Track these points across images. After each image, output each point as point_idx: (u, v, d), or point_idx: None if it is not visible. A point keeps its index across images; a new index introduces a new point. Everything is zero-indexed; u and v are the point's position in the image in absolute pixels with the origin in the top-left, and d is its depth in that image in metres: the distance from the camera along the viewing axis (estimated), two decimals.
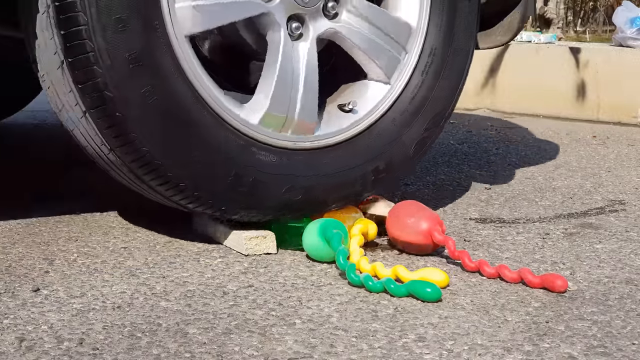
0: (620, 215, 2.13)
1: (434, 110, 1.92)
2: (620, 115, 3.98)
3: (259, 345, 1.26)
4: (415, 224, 1.72)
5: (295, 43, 1.74)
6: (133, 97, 1.52)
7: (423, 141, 1.91)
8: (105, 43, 1.49)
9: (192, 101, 1.59)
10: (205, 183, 1.63)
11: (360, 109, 1.84)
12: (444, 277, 1.52)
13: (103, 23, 1.48)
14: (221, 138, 1.63)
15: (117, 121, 1.53)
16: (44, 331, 1.29)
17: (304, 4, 1.73)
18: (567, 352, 1.26)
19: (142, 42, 1.52)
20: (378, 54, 1.85)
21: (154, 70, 1.54)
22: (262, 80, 1.72)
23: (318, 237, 1.65)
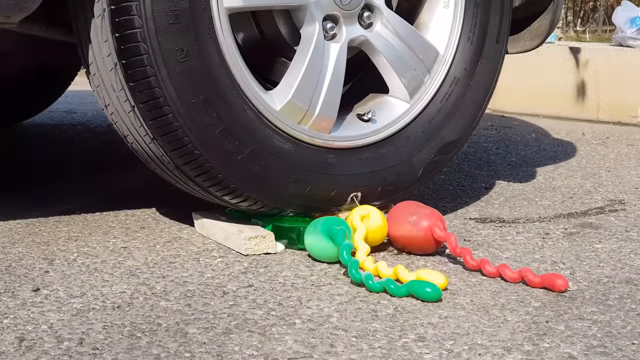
0: (620, 215, 2.13)
1: (448, 138, 1.95)
2: (620, 115, 3.98)
3: (259, 345, 1.26)
4: (415, 222, 1.72)
5: (327, 42, 1.77)
6: (167, 49, 1.56)
7: (432, 166, 1.93)
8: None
9: (221, 71, 1.63)
10: (219, 154, 1.64)
11: (377, 120, 1.88)
12: (443, 279, 1.51)
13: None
14: (243, 113, 1.65)
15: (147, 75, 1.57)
16: (43, 331, 1.29)
17: (342, 6, 1.77)
18: (567, 352, 1.26)
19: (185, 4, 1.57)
20: (404, 71, 1.89)
21: (193, 31, 1.59)
22: (289, 72, 1.76)
23: (322, 235, 1.65)
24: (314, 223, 1.70)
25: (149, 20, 1.54)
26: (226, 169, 1.66)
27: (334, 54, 1.78)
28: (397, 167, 1.88)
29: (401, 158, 1.88)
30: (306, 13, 1.74)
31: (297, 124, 1.75)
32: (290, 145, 1.73)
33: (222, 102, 1.63)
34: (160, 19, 1.55)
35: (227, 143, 1.64)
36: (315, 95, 1.76)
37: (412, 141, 1.90)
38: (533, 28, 2.16)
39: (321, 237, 1.65)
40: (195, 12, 1.58)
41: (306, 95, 1.75)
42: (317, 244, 1.66)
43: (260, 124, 1.69)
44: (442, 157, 1.95)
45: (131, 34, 1.54)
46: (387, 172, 1.87)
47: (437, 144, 1.93)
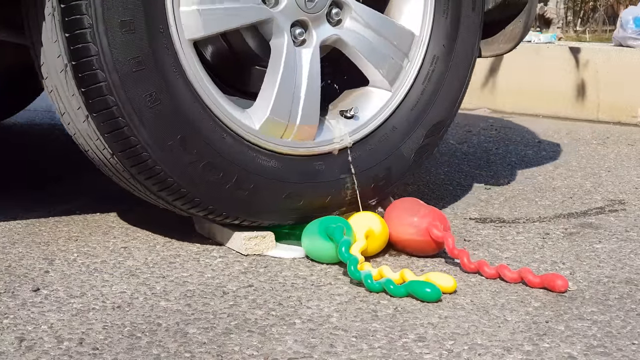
0: (620, 215, 2.13)
1: (435, 120, 1.92)
2: (620, 115, 3.97)
3: (259, 345, 1.26)
4: (414, 223, 1.70)
5: (298, 49, 1.73)
6: (136, 97, 1.53)
7: (422, 149, 1.91)
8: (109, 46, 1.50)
9: (194, 105, 1.59)
10: (206, 187, 1.62)
11: (361, 115, 1.85)
12: (452, 282, 1.51)
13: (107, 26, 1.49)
14: (222, 142, 1.63)
15: (120, 126, 1.54)
16: (44, 331, 1.29)
17: (308, 10, 1.72)
18: (567, 352, 1.26)
19: (146, 46, 1.53)
20: (380, 62, 1.85)
21: (157, 74, 1.54)
22: (264, 86, 1.72)
23: (319, 236, 1.64)
24: (311, 224, 1.69)
25: (112, 73, 1.50)
26: (215, 200, 1.64)
27: (306, 59, 1.73)
28: (388, 160, 1.85)
29: (390, 149, 1.86)
30: (272, 25, 1.69)
31: (280, 138, 1.71)
32: (276, 162, 1.70)
33: (199, 136, 1.59)
34: (123, 68, 1.51)
35: (212, 175, 1.62)
36: (294, 106, 1.72)
37: (399, 129, 1.87)
38: (507, 31, 2.11)
39: (319, 238, 1.65)
40: (158, 52, 1.54)
41: (284, 108, 1.71)
42: (315, 245, 1.66)
43: (241, 147, 1.65)
44: (431, 140, 1.92)
45: (97, 88, 1.51)
46: (379, 167, 1.84)
47: (425, 127, 1.90)
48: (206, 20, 1.60)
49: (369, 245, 1.67)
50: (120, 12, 1.50)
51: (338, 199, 1.79)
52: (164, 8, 1.55)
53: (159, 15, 1.54)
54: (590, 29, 7.85)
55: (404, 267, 1.64)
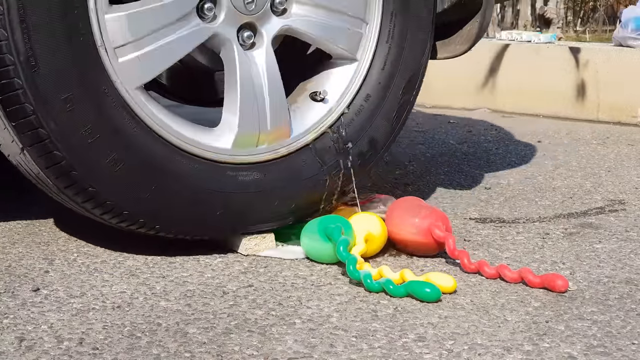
0: (620, 215, 2.13)
1: (407, 74, 1.86)
2: (620, 115, 3.97)
3: (259, 345, 1.26)
4: (414, 221, 1.70)
5: (250, 52, 1.68)
6: (98, 165, 1.51)
7: (401, 109, 1.86)
8: (57, 127, 1.46)
9: (158, 149, 1.57)
10: (194, 219, 1.62)
11: (332, 94, 1.79)
12: (452, 282, 1.51)
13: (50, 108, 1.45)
14: (196, 173, 1.60)
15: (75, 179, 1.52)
16: (43, 331, 1.29)
17: (250, 12, 1.66)
18: (567, 352, 1.26)
19: (94, 113, 1.49)
20: (338, 36, 1.79)
21: (113, 134, 1.51)
22: (226, 100, 1.68)
23: (319, 236, 1.64)
24: (310, 224, 1.69)
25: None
26: (207, 229, 1.64)
27: (261, 61, 1.68)
28: (369, 131, 1.82)
29: (370, 120, 1.82)
30: (217, 39, 1.64)
31: (255, 147, 1.68)
32: (258, 173, 1.68)
33: (173, 181, 1.58)
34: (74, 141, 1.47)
35: (198, 209, 1.61)
36: (261, 113, 1.68)
37: (374, 96, 1.82)
38: (464, 32, 2.04)
39: (318, 238, 1.64)
40: (109, 114, 1.50)
41: (252, 119, 1.67)
42: (314, 245, 1.66)
43: (220, 171, 1.63)
44: (407, 97, 1.86)
45: (27, 120, 1.45)
46: (362, 141, 1.81)
47: (399, 86, 1.84)
48: (149, 63, 1.56)
49: (368, 247, 1.67)
50: (60, 89, 1.45)
51: (331, 189, 1.77)
52: (102, 67, 1.50)
53: (101, 77, 1.50)
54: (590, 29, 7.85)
55: (404, 267, 1.64)
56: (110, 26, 1.51)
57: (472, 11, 2.01)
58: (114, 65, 1.52)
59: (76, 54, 1.47)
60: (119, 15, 1.52)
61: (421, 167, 2.71)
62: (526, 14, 9.34)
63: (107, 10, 1.50)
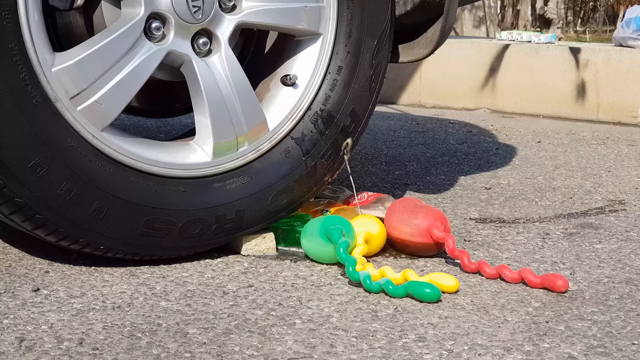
0: (620, 215, 2.13)
1: (374, 36, 1.79)
2: (620, 115, 3.98)
3: (259, 345, 1.26)
4: (413, 222, 1.71)
5: (209, 59, 1.64)
6: (82, 217, 1.49)
7: (376, 71, 1.80)
8: (32, 194, 1.44)
9: (141, 184, 1.55)
10: (192, 243, 1.62)
11: (301, 78, 1.75)
12: (454, 282, 1.51)
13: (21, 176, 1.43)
14: (183, 197, 1.59)
15: None
16: (44, 331, 1.29)
17: (199, 20, 1.60)
18: (567, 352, 1.26)
19: (65, 170, 1.46)
20: (295, 18, 1.72)
21: (90, 184, 1.49)
22: (196, 112, 1.65)
23: (319, 237, 1.64)
24: (310, 224, 1.69)
25: None
26: (204, 245, 1.64)
27: (222, 65, 1.64)
28: (348, 104, 1.77)
29: (346, 91, 1.76)
30: (173, 55, 1.59)
31: (237, 151, 1.66)
32: (245, 178, 1.66)
33: (161, 211, 1.56)
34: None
35: (192, 230, 1.60)
36: (234, 117, 1.64)
37: (346, 67, 1.76)
38: (428, 35, 1.99)
39: (318, 239, 1.64)
40: (73, 158, 1.47)
41: (226, 126, 1.64)
42: (315, 246, 1.66)
43: (205, 187, 1.62)
44: (380, 57, 1.80)
45: (1, 192, 1.43)
46: (342, 116, 1.77)
47: (369, 50, 1.78)
48: (110, 102, 1.52)
49: (368, 247, 1.67)
50: (25, 157, 1.42)
51: (323, 173, 1.75)
52: (63, 121, 1.46)
53: (64, 132, 1.46)
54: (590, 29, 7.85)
55: (404, 267, 1.64)
56: (61, 78, 1.46)
57: (436, 15, 1.96)
58: (74, 115, 1.47)
59: (33, 118, 1.42)
60: (67, 66, 1.47)
61: (421, 167, 2.71)
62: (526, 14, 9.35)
63: (53, 64, 1.45)
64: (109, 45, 1.50)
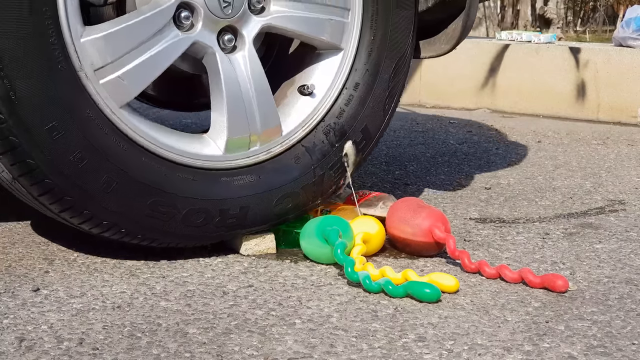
0: (620, 215, 2.13)
1: (394, 58, 1.83)
2: (620, 115, 3.98)
3: (259, 345, 1.26)
4: (415, 222, 1.71)
5: (232, 56, 1.66)
6: (91, 188, 1.50)
7: (392, 94, 1.84)
8: (45, 156, 1.45)
9: (151, 165, 1.56)
10: (193, 232, 1.62)
11: (319, 87, 1.78)
12: (454, 282, 1.51)
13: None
14: (190, 185, 1.60)
15: None
16: (44, 331, 1.29)
17: (228, 15, 1.63)
18: (567, 352, 1.26)
19: (80, 139, 1.48)
20: (320, 28, 1.76)
21: (103, 156, 1.50)
22: (213, 105, 1.67)
23: (316, 238, 1.64)
24: (308, 225, 1.69)
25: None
26: (206, 237, 1.64)
27: (245, 63, 1.66)
28: (361, 120, 1.79)
29: (361, 108, 1.79)
30: (198, 46, 1.62)
31: (248, 149, 1.67)
32: (253, 176, 1.67)
33: (168, 195, 1.57)
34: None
35: (195, 219, 1.60)
36: (249, 115, 1.66)
37: (363, 83, 1.79)
38: (449, 31, 2.02)
39: (316, 240, 1.64)
40: (94, 136, 1.49)
41: (241, 122, 1.66)
42: (313, 247, 1.66)
43: (213, 179, 1.63)
44: (397, 79, 1.84)
45: (14, 152, 1.44)
46: (354, 132, 1.79)
47: (387, 71, 1.81)
48: (132, 81, 1.54)
49: (367, 247, 1.67)
50: (44, 119, 1.44)
51: (328, 184, 1.76)
52: (84, 91, 1.48)
53: (84, 102, 1.48)
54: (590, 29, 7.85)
55: (404, 267, 1.64)
56: (89, 49, 1.48)
57: (457, 10, 1.98)
58: (96, 88, 1.49)
59: (56, 83, 1.45)
60: (96, 38, 1.49)
61: (421, 167, 2.71)
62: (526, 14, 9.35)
63: (82, 34, 1.48)
64: (138, 25, 1.54)
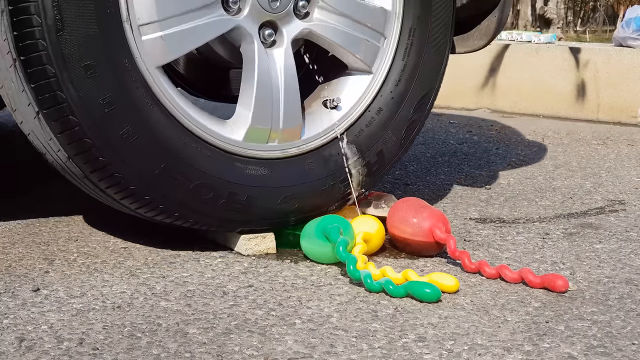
0: (620, 215, 2.13)
1: (420, 93, 1.88)
2: (620, 115, 3.98)
3: (259, 345, 1.26)
4: (416, 222, 1.71)
5: (270, 50, 1.71)
6: (112, 135, 1.52)
7: (411, 126, 1.88)
8: (75, 92, 1.47)
9: (172, 129, 1.58)
10: (201, 207, 1.62)
11: (344, 103, 1.82)
12: (454, 282, 1.51)
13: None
14: (206, 160, 1.61)
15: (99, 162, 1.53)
16: (44, 331, 1.29)
17: (274, 10, 1.69)
18: (567, 352, 1.26)
19: (113, 84, 1.50)
20: (356, 46, 1.81)
21: (130, 107, 1.52)
22: (242, 93, 1.70)
23: (317, 237, 1.64)
24: (308, 225, 1.69)
25: (85, 118, 1.48)
26: (211, 217, 1.64)
27: (280, 60, 1.70)
28: (378, 144, 1.83)
29: (379, 133, 1.83)
30: (239, 32, 1.66)
31: (266, 143, 1.70)
32: (265, 169, 1.69)
33: (182, 162, 1.58)
34: (95, 113, 1.49)
35: (204, 195, 1.61)
36: (274, 111, 1.69)
37: (386, 110, 1.84)
38: (482, 27, 2.08)
39: (316, 239, 1.64)
40: (127, 86, 1.51)
41: (265, 114, 1.69)
42: (313, 246, 1.66)
43: (228, 161, 1.64)
44: (419, 115, 1.89)
45: (47, 82, 1.46)
46: (369, 154, 1.82)
47: (411, 103, 1.87)
48: (171, 45, 1.57)
49: (367, 246, 1.67)
50: (82, 56, 1.47)
51: (334, 195, 1.78)
52: (125, 41, 1.52)
53: (123, 52, 1.51)
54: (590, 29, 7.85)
55: (404, 267, 1.64)
56: (138, 4, 1.52)
57: (489, 6, 2.04)
58: (137, 41, 1.53)
59: (102, 25, 1.48)
60: None
61: (421, 167, 2.72)
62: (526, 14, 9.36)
63: None
64: None
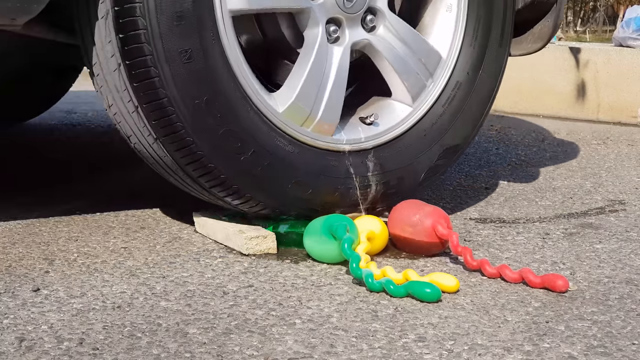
0: (620, 215, 2.13)
1: (450, 143, 1.95)
2: (620, 115, 3.98)
3: (259, 345, 1.26)
4: (417, 222, 1.71)
5: (330, 46, 1.78)
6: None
7: (434, 169, 1.94)
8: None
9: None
10: (224, 155, 1.64)
11: (380, 124, 1.88)
12: (455, 281, 1.51)
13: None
14: (246, 114, 1.66)
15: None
16: (44, 331, 1.29)
17: (346, 9, 1.78)
18: (567, 352, 1.26)
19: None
20: (406, 75, 1.89)
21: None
22: (292, 74, 1.76)
23: (323, 235, 1.64)
24: (313, 223, 1.69)
25: (153, 21, 1.54)
26: (228, 170, 1.66)
27: (337, 57, 1.78)
28: (399, 171, 1.88)
29: (403, 162, 1.88)
30: (309, 16, 1.74)
31: (300, 126, 1.75)
32: (293, 148, 1.73)
33: (225, 103, 1.63)
34: (164, 20, 1.55)
35: (230, 144, 1.64)
36: (318, 98, 1.76)
37: (415, 145, 1.90)
38: (536, 30, 2.16)
39: (321, 237, 1.64)
40: (199, 14, 1.58)
41: (309, 97, 1.75)
42: (318, 244, 1.66)
43: (263, 125, 1.68)
44: (444, 162, 1.95)
45: (135, 35, 1.54)
46: (390, 175, 1.86)
47: (440, 148, 1.93)
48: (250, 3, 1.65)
49: (371, 245, 1.67)
50: None
51: (345, 199, 1.81)
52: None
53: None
54: (590, 29, 7.85)
55: (405, 267, 1.64)
56: None
57: (544, 10, 2.12)
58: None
59: None
60: None
61: None
62: None
63: None
64: None
